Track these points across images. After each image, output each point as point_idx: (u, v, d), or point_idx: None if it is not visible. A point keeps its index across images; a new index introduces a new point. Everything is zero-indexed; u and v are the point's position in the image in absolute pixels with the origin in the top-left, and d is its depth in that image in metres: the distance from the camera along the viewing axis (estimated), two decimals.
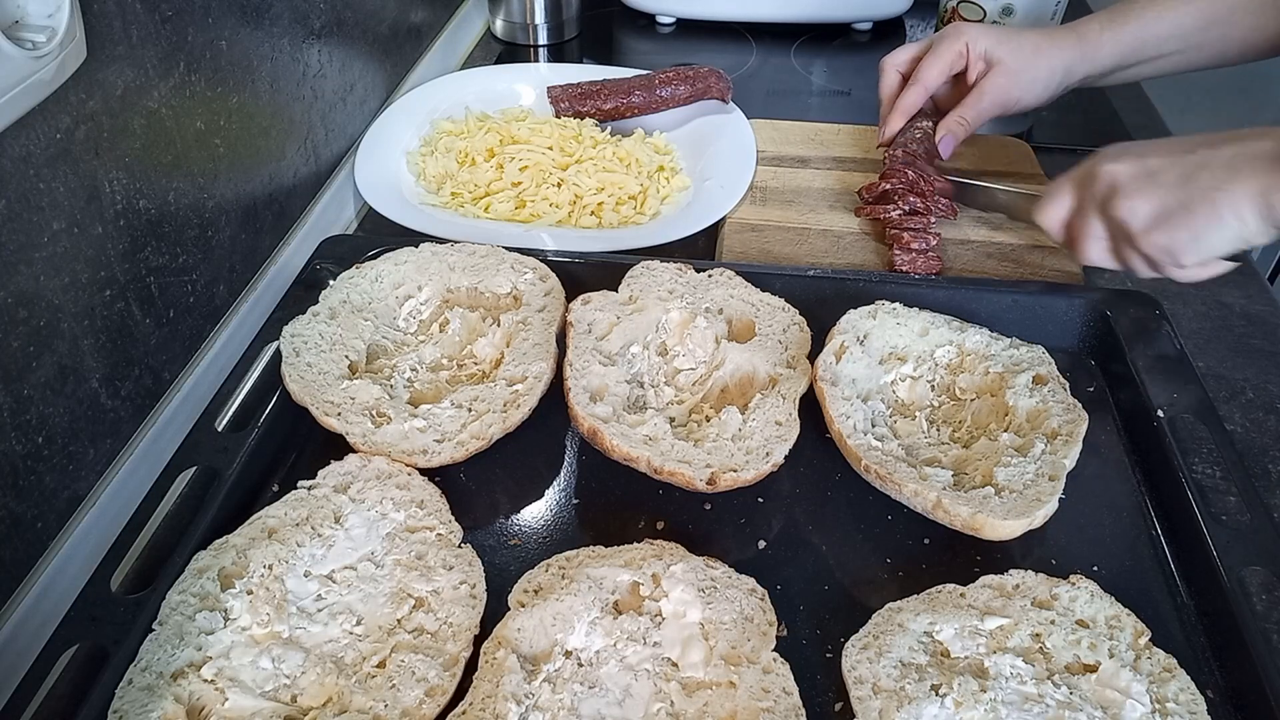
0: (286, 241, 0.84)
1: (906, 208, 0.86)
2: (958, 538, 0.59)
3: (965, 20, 1.19)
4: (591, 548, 0.58)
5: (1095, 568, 0.60)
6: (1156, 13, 0.85)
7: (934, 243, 0.83)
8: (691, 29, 1.34)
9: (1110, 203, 0.68)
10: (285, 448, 0.67)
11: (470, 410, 0.65)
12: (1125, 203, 0.67)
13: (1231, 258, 0.67)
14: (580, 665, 0.52)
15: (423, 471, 0.63)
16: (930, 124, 0.92)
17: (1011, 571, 0.57)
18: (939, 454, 0.64)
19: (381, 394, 0.66)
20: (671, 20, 1.34)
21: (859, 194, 0.92)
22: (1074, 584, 0.56)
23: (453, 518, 0.60)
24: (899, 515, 0.63)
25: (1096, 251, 0.72)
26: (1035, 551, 0.61)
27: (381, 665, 0.52)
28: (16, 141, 0.52)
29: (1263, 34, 0.83)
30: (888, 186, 0.88)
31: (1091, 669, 0.51)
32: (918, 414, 0.68)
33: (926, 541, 0.62)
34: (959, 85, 0.93)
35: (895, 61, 0.94)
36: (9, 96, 0.48)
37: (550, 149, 0.95)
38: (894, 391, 0.69)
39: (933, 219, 0.86)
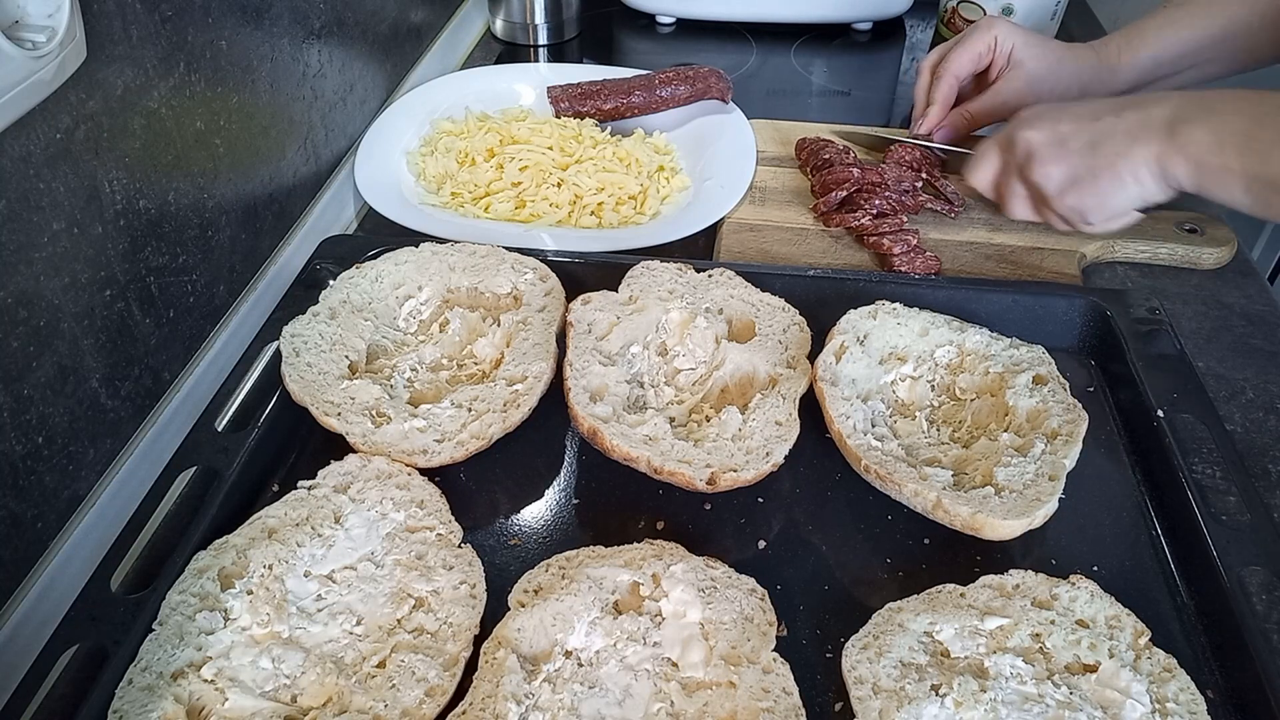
0: (286, 241, 0.84)
1: (874, 210, 0.86)
2: (958, 538, 0.59)
3: (966, 20, 1.19)
4: (591, 548, 0.58)
5: (1095, 568, 0.60)
6: (1174, 32, 0.86)
7: (914, 241, 0.83)
8: (691, 29, 1.34)
9: (1027, 168, 0.76)
10: (285, 448, 0.67)
11: (470, 410, 0.65)
12: (1040, 169, 0.75)
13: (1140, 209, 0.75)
14: (580, 665, 0.52)
15: (423, 471, 0.63)
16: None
17: (1011, 571, 0.57)
18: (939, 454, 0.64)
19: (381, 394, 0.66)
20: (671, 20, 1.34)
21: (815, 209, 0.90)
22: (1074, 584, 0.56)
23: (453, 518, 0.60)
24: (899, 515, 0.63)
25: (1021, 209, 0.80)
26: (1035, 551, 0.61)
27: (381, 665, 0.52)
28: (16, 141, 0.52)
29: (1273, 45, 0.84)
30: (843, 193, 0.87)
31: (1091, 669, 0.51)
32: (918, 414, 0.68)
33: (926, 541, 0.62)
34: (980, 81, 0.94)
35: (929, 62, 0.95)
36: (9, 96, 0.48)
37: (550, 149, 0.95)
38: (894, 391, 0.69)
39: (904, 218, 0.85)
